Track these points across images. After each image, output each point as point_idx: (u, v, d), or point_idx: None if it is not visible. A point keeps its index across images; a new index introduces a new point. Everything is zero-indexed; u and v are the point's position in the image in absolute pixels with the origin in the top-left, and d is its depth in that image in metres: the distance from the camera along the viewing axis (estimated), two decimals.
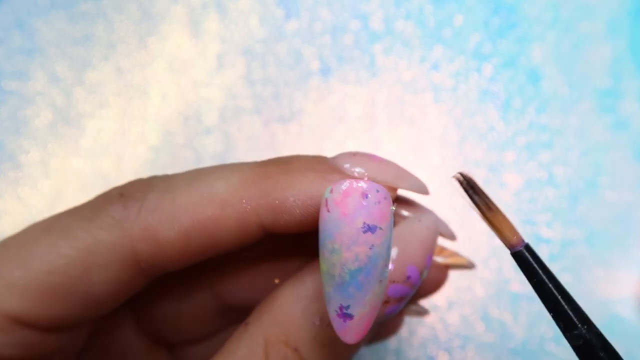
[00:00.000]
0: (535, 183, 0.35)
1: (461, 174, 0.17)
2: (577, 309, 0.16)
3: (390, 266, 0.17)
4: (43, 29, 0.36)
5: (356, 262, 0.15)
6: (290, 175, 0.17)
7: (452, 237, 0.20)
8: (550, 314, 0.16)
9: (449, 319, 0.33)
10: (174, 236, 0.17)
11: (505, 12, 0.36)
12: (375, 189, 0.15)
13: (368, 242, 0.15)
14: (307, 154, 0.18)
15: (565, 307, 0.16)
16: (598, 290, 0.33)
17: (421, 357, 0.33)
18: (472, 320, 0.33)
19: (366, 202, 0.15)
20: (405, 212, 0.19)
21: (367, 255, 0.15)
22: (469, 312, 0.33)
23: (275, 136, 0.35)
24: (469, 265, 0.21)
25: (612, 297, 0.33)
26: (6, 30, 0.36)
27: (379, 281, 0.16)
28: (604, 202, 0.34)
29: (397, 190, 0.18)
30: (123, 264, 0.17)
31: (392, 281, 0.17)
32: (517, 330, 0.33)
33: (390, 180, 0.17)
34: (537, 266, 0.17)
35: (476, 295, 0.33)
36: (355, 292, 0.15)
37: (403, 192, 0.19)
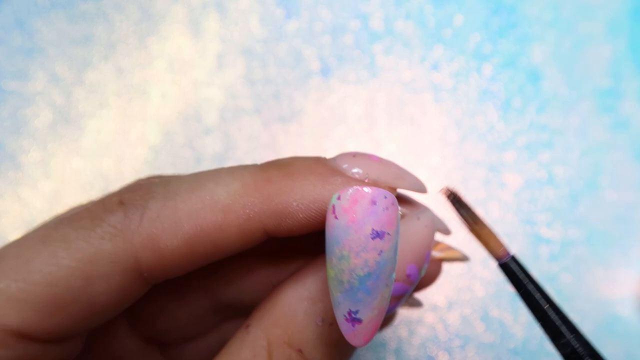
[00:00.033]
0: (535, 183, 0.35)
1: (448, 188, 0.18)
2: (564, 318, 0.16)
3: None
4: (43, 29, 0.36)
5: (365, 268, 0.15)
6: (292, 179, 0.17)
7: (447, 232, 0.20)
8: (538, 323, 0.17)
9: (449, 319, 0.33)
10: (177, 244, 0.16)
11: (505, 12, 0.36)
12: (383, 195, 0.15)
13: (377, 248, 0.15)
14: (306, 155, 0.18)
15: (552, 316, 0.16)
16: (598, 290, 0.33)
17: (421, 357, 0.33)
18: (472, 320, 0.33)
19: (374, 209, 0.15)
20: (402, 210, 0.19)
21: (375, 261, 0.15)
22: (469, 312, 0.33)
23: (275, 136, 0.35)
24: (462, 258, 0.21)
25: (612, 297, 0.33)
26: (6, 30, 0.36)
27: (387, 285, 0.16)
28: (604, 202, 0.34)
29: (397, 190, 0.18)
30: (125, 273, 0.16)
31: None
32: (517, 330, 0.33)
33: (390, 180, 0.17)
34: (523, 277, 0.17)
35: (476, 295, 0.33)
36: (364, 297, 0.15)
37: (400, 190, 0.19)
